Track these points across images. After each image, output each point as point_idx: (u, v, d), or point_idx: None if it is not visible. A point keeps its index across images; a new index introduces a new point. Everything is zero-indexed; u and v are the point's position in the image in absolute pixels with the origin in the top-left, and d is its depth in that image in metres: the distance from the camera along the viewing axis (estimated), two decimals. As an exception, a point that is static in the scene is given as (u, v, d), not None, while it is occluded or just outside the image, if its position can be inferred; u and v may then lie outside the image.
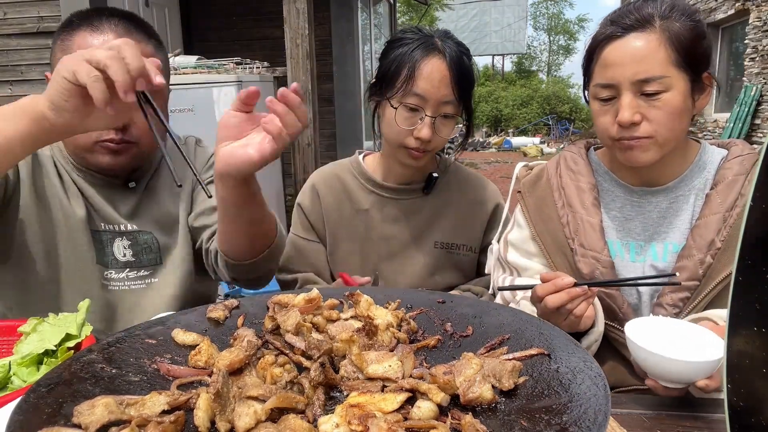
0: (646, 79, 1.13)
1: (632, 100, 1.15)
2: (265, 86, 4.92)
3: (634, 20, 1.16)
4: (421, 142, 1.41)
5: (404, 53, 1.41)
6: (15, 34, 4.86)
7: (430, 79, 1.38)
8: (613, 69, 1.16)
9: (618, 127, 1.17)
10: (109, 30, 1.26)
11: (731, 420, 0.67)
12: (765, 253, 0.62)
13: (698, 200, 1.24)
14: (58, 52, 1.28)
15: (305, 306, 0.89)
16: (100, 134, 1.26)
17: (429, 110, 1.39)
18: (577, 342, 0.77)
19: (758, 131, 9.42)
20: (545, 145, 18.91)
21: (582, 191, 1.32)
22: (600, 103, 1.21)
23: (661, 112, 1.14)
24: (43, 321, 1.00)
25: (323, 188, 1.60)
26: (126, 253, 1.41)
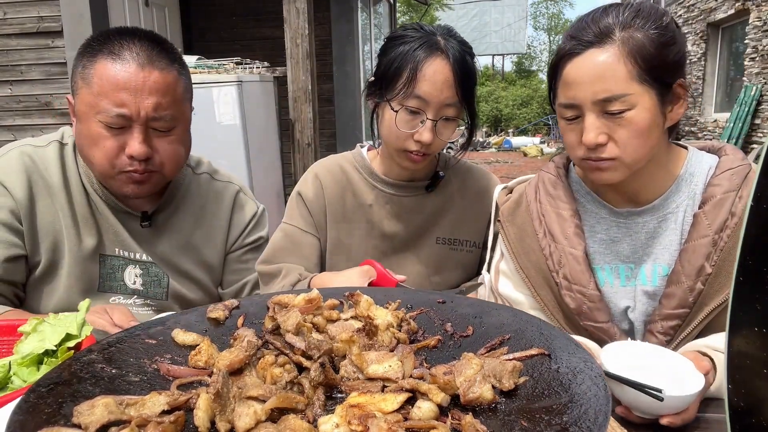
0: (607, 98, 1.07)
1: (595, 121, 1.09)
2: (265, 86, 4.92)
3: (593, 35, 1.09)
4: (422, 145, 1.36)
5: (405, 52, 1.35)
6: (15, 34, 4.86)
7: (433, 81, 1.33)
8: (574, 88, 1.10)
9: (584, 147, 1.12)
10: (130, 58, 1.23)
11: (731, 420, 0.66)
12: (765, 253, 0.62)
13: (687, 217, 1.17)
14: (78, 79, 1.26)
15: (305, 306, 0.88)
16: (123, 165, 1.25)
17: (431, 113, 1.34)
18: (578, 342, 0.77)
19: (758, 131, 9.42)
20: (545, 145, 18.90)
21: (563, 219, 1.24)
22: (565, 122, 1.16)
23: (626, 131, 1.08)
24: (43, 321, 1.00)
25: (327, 179, 1.54)
26: (136, 281, 1.42)
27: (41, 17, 4.81)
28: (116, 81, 1.21)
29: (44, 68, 4.88)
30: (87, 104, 1.23)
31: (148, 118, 1.24)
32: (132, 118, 1.23)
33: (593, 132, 1.09)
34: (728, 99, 10.89)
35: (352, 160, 1.58)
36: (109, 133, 1.23)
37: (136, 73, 1.22)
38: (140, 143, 1.24)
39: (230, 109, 4.33)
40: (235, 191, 1.56)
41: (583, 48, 1.10)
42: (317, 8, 5.28)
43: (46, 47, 4.83)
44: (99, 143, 1.24)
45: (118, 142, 1.24)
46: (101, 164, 1.26)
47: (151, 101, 1.23)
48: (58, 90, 4.86)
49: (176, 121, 1.30)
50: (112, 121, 1.22)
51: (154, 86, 1.24)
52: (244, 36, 7.03)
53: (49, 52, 4.84)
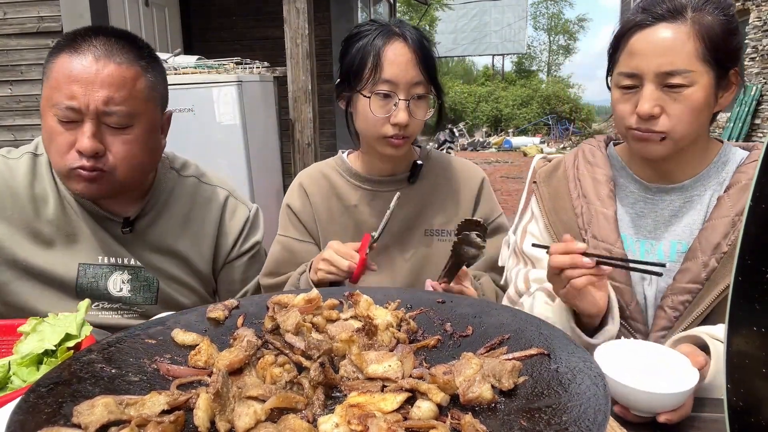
0: (671, 71, 1.11)
1: (654, 92, 1.13)
2: (265, 86, 4.92)
3: (666, 10, 1.14)
4: (399, 127, 1.40)
5: (365, 45, 1.41)
6: (15, 34, 4.86)
7: (397, 63, 1.38)
8: (638, 58, 1.15)
9: (636, 117, 1.16)
10: (87, 51, 1.20)
11: (731, 420, 0.67)
12: (765, 253, 0.62)
13: (712, 201, 1.22)
14: (44, 78, 1.24)
15: (305, 306, 0.88)
16: (73, 161, 1.20)
17: (401, 94, 1.39)
18: (577, 342, 0.77)
19: (758, 131, 9.42)
20: (545, 144, 18.90)
21: (598, 183, 1.31)
22: (621, 91, 1.19)
23: (681, 107, 1.13)
24: (43, 321, 1.00)
25: (311, 187, 1.59)
26: (123, 287, 1.38)
27: (41, 17, 4.81)
28: (69, 73, 1.18)
29: (44, 68, 4.88)
30: (45, 98, 1.21)
31: (99, 112, 1.19)
32: (82, 111, 1.18)
33: (650, 102, 1.13)
34: (728, 99, 10.88)
35: (333, 165, 1.62)
36: (62, 128, 1.20)
37: (90, 65, 1.19)
38: (88, 138, 1.18)
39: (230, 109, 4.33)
40: (225, 196, 1.52)
41: (653, 21, 1.14)
42: (317, 8, 5.28)
43: (46, 47, 4.83)
44: (54, 138, 1.21)
45: (70, 137, 1.20)
46: (55, 161, 1.23)
47: (102, 94, 1.18)
48: (58, 90, 4.86)
49: (133, 119, 1.24)
50: (64, 114, 1.18)
51: (108, 79, 1.19)
52: (244, 36, 7.03)
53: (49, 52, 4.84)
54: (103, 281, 1.36)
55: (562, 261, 1.07)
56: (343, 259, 1.28)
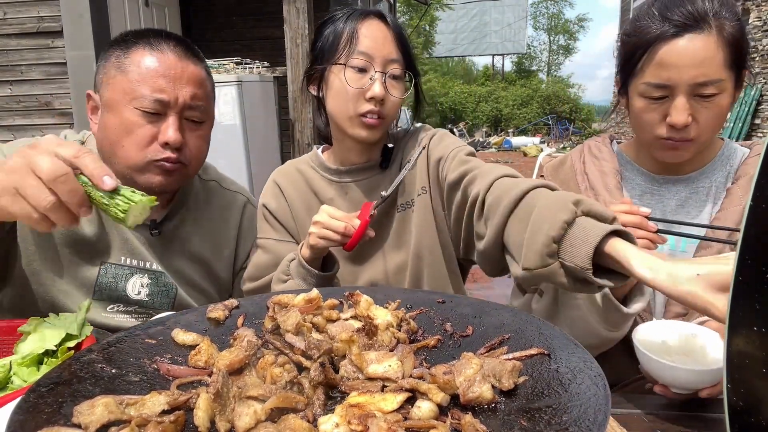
0: (704, 82, 1.13)
1: (686, 102, 1.15)
2: (265, 86, 4.92)
3: (688, 17, 1.14)
4: (375, 102, 1.34)
5: (339, 23, 1.39)
6: (15, 34, 4.86)
7: (373, 37, 1.36)
8: (670, 70, 1.15)
9: (668, 127, 1.17)
10: (168, 50, 1.26)
11: (731, 420, 0.67)
12: (765, 252, 0.62)
13: (719, 193, 1.26)
14: (112, 69, 1.26)
15: (305, 306, 0.89)
16: (155, 153, 1.25)
17: (377, 66, 1.35)
18: (577, 342, 0.77)
19: (758, 131, 9.42)
20: (545, 144, 18.92)
21: (605, 174, 1.33)
22: (648, 101, 1.20)
23: (710, 113, 1.15)
24: (43, 321, 1.00)
25: (285, 183, 1.53)
26: (141, 291, 1.38)
27: (41, 17, 4.81)
28: (155, 68, 1.24)
29: (44, 68, 4.88)
30: (122, 92, 1.23)
31: (185, 106, 1.26)
32: (169, 105, 1.24)
33: (684, 113, 1.15)
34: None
35: (308, 161, 1.57)
36: (144, 120, 1.23)
37: (175, 63, 1.26)
38: (175, 130, 1.24)
39: (230, 109, 4.33)
40: (243, 203, 1.56)
41: (680, 31, 1.14)
42: (317, 8, 5.28)
43: (46, 47, 4.84)
44: (133, 131, 1.23)
45: (152, 130, 1.24)
46: (131, 154, 1.24)
47: (189, 90, 1.26)
48: (58, 90, 4.86)
49: (206, 116, 1.33)
50: (150, 106, 1.22)
51: (192, 77, 1.28)
52: (244, 36, 7.04)
53: (49, 52, 4.84)
54: (122, 283, 1.36)
55: (631, 220, 1.07)
56: (338, 221, 1.23)
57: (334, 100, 1.39)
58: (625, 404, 0.96)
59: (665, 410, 0.94)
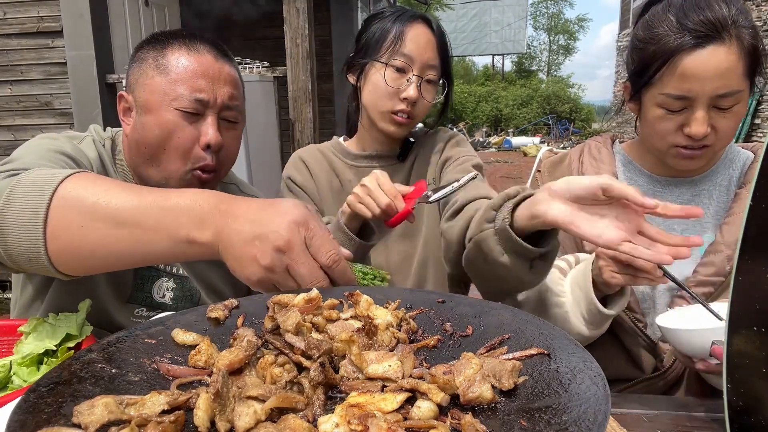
0: (726, 94, 1.11)
1: (706, 114, 1.13)
2: (265, 86, 4.92)
3: (710, 25, 1.10)
4: (408, 103, 1.43)
5: (387, 21, 1.46)
6: (15, 34, 4.86)
7: (417, 41, 1.43)
8: (691, 82, 1.12)
9: (685, 137, 1.16)
10: (205, 51, 1.26)
11: (731, 420, 0.67)
12: (765, 252, 0.62)
13: (722, 197, 1.25)
14: (149, 70, 1.25)
15: (305, 306, 0.88)
16: (197, 160, 1.24)
17: (416, 70, 1.43)
18: (577, 342, 0.77)
19: (758, 131, 9.42)
20: (545, 144, 18.93)
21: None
22: (665, 111, 1.18)
23: (727, 122, 1.14)
24: (43, 321, 1.00)
25: (310, 160, 1.60)
26: (166, 294, 1.37)
27: (41, 17, 4.81)
28: (194, 68, 1.24)
29: (44, 68, 4.88)
30: (161, 93, 1.23)
31: (223, 106, 1.26)
32: (209, 104, 1.24)
33: (704, 125, 1.14)
34: (728, 99, 10.89)
35: (329, 146, 1.66)
36: (185, 121, 1.23)
37: (213, 63, 1.27)
38: (215, 131, 1.25)
39: (230, 109, 4.33)
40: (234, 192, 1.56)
41: (701, 41, 1.12)
42: (317, 8, 5.28)
43: (46, 47, 4.84)
44: (174, 132, 1.23)
45: (193, 132, 1.24)
46: (171, 159, 1.23)
47: (227, 90, 1.27)
48: (58, 90, 4.86)
49: (241, 116, 1.34)
50: (189, 106, 1.22)
51: (228, 77, 1.29)
52: (244, 36, 7.04)
53: (49, 52, 4.84)
54: (149, 284, 1.35)
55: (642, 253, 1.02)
56: (383, 196, 1.20)
57: (371, 94, 1.49)
58: (625, 404, 0.96)
59: (665, 410, 0.94)
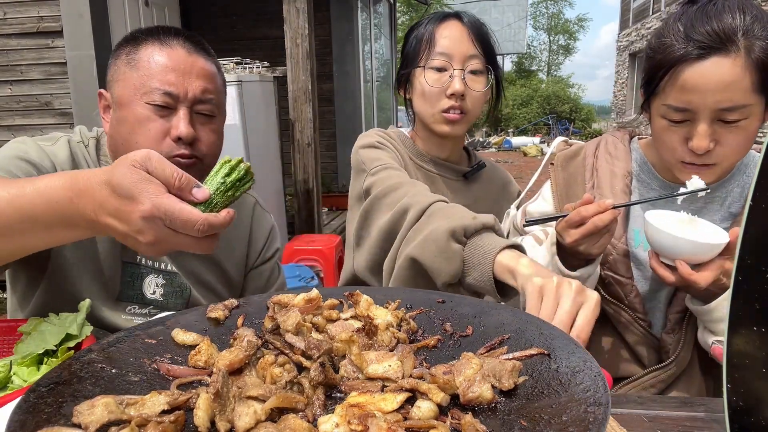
0: (729, 108, 1.07)
1: (709, 128, 1.09)
2: (265, 86, 4.92)
3: (716, 36, 1.06)
4: (456, 98, 1.43)
5: (421, 28, 1.48)
6: (15, 34, 4.86)
7: (451, 37, 1.43)
8: (692, 94, 1.09)
9: (688, 151, 1.13)
10: (178, 45, 1.26)
11: (731, 419, 0.67)
12: (765, 253, 0.62)
13: (735, 203, 1.23)
14: (122, 65, 1.26)
15: (305, 306, 0.89)
16: (169, 150, 1.24)
17: (456, 64, 1.43)
18: (578, 342, 0.77)
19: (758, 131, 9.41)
20: (545, 144, 18.92)
21: (615, 176, 1.31)
22: (669, 123, 1.15)
23: (736, 138, 1.10)
24: (43, 321, 1.00)
25: (392, 138, 1.56)
26: (156, 291, 1.38)
27: (41, 17, 4.81)
28: (165, 63, 1.24)
29: (44, 68, 4.88)
30: (132, 88, 1.24)
31: (195, 100, 1.26)
32: (179, 98, 1.24)
33: (706, 140, 1.10)
34: (728, 99, 10.88)
35: (396, 136, 1.60)
36: (156, 115, 1.23)
37: (185, 57, 1.26)
38: (186, 124, 1.24)
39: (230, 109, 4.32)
40: (253, 203, 1.56)
41: (704, 53, 1.07)
42: (317, 8, 5.28)
43: (46, 47, 4.83)
44: (144, 126, 1.23)
45: (164, 125, 1.24)
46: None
47: (199, 84, 1.26)
48: (58, 90, 4.86)
49: (217, 110, 1.32)
50: (160, 100, 1.22)
51: (201, 71, 1.28)
52: (244, 36, 7.04)
53: (49, 52, 4.84)
54: (138, 281, 1.36)
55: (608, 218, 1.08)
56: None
57: (419, 100, 1.50)
58: (625, 404, 0.96)
59: (665, 410, 0.94)
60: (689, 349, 1.24)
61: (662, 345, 1.27)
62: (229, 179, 0.89)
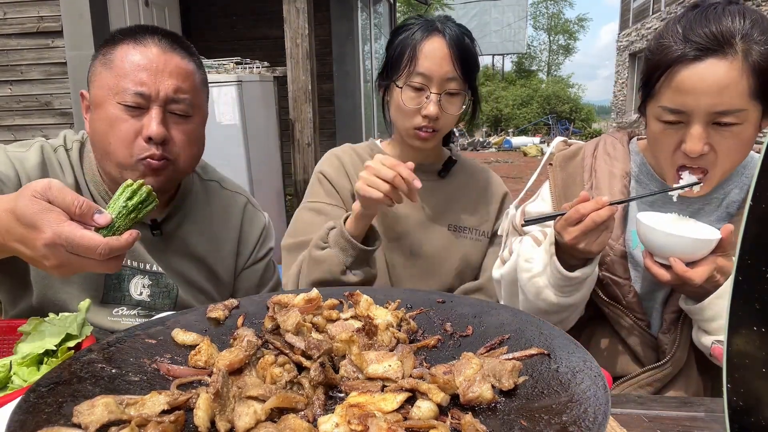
0: (723, 111, 1.06)
1: (703, 131, 1.08)
2: (265, 86, 4.92)
3: (713, 39, 1.05)
4: (429, 120, 1.44)
5: (407, 37, 1.47)
6: (15, 34, 4.86)
7: (432, 57, 1.42)
8: (687, 96, 1.08)
9: (683, 155, 1.12)
10: (152, 44, 1.25)
11: (731, 419, 0.67)
12: (765, 253, 0.62)
13: (732, 204, 1.23)
14: (98, 65, 1.25)
15: (305, 306, 0.89)
16: (141, 150, 1.22)
17: (434, 88, 1.43)
18: (578, 342, 0.77)
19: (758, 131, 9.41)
20: (545, 144, 18.91)
21: (614, 177, 1.31)
22: (663, 125, 1.14)
23: (730, 143, 1.09)
24: (43, 321, 1.00)
25: (346, 160, 1.60)
26: (143, 292, 1.37)
27: (41, 17, 4.81)
28: (137, 62, 1.22)
29: (44, 68, 4.88)
30: (106, 87, 1.23)
31: (168, 99, 1.24)
32: (151, 98, 1.22)
33: (699, 143, 1.09)
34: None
35: (366, 147, 1.66)
36: (127, 115, 1.21)
37: (158, 56, 1.24)
38: (158, 123, 1.22)
39: (230, 109, 4.33)
40: (244, 203, 1.55)
41: (701, 54, 1.06)
42: (317, 8, 5.28)
43: (46, 47, 4.84)
44: (116, 126, 1.22)
45: (136, 125, 1.22)
46: (118, 152, 1.23)
47: (171, 82, 1.24)
48: (58, 90, 4.86)
49: (194, 109, 1.30)
50: (131, 100, 1.21)
51: (175, 70, 1.25)
52: (244, 36, 7.04)
53: (49, 52, 4.84)
54: (125, 283, 1.35)
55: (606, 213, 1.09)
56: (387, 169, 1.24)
57: (395, 112, 1.52)
58: (625, 404, 0.96)
59: (665, 410, 0.94)
60: (685, 349, 1.24)
61: (660, 345, 1.27)
62: (131, 202, 0.93)
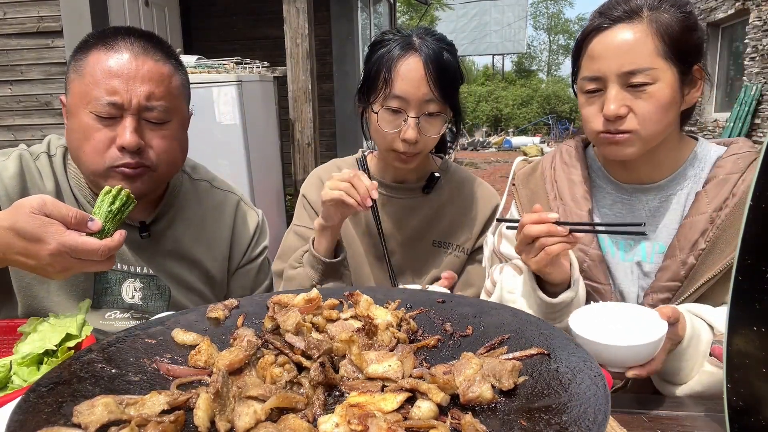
0: (632, 71, 1.12)
1: (618, 93, 1.14)
2: (265, 86, 4.92)
3: (622, 12, 1.15)
4: (408, 144, 1.38)
5: (383, 54, 1.40)
6: (15, 34, 4.86)
7: (408, 79, 1.36)
8: (599, 61, 1.15)
9: (604, 120, 1.16)
10: (124, 48, 1.20)
11: (731, 419, 0.67)
12: (765, 252, 0.62)
13: (690, 198, 1.22)
14: (71, 72, 1.22)
15: (305, 306, 0.88)
16: (114, 159, 1.19)
17: (412, 111, 1.37)
18: (577, 342, 0.77)
19: (758, 131, 9.41)
20: (545, 144, 18.90)
21: (573, 184, 1.31)
22: (586, 96, 1.20)
23: (647, 105, 1.13)
24: (43, 321, 1.00)
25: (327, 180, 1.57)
26: (135, 295, 1.35)
27: (41, 17, 4.81)
28: (109, 69, 1.18)
29: (44, 68, 4.88)
30: (79, 96, 1.19)
31: (141, 107, 1.19)
32: (124, 107, 1.18)
33: (615, 103, 1.14)
34: (728, 99, 10.89)
35: (352, 163, 1.62)
36: (100, 125, 1.18)
37: (130, 61, 1.19)
38: (131, 132, 1.18)
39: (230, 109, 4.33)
40: (236, 201, 1.52)
41: (611, 23, 1.15)
42: (317, 8, 5.28)
43: (46, 47, 4.84)
44: (89, 136, 1.18)
45: (109, 134, 1.19)
46: (91, 160, 1.20)
47: (144, 89, 1.19)
48: (58, 90, 4.86)
49: (171, 115, 1.25)
50: (103, 110, 1.17)
51: (148, 75, 1.20)
52: (244, 36, 7.04)
53: (49, 52, 4.84)
54: (116, 287, 1.34)
55: (538, 230, 1.09)
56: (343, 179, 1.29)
57: (374, 133, 1.46)
58: (625, 404, 0.96)
59: (665, 410, 0.94)
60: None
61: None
62: (114, 207, 1.01)
